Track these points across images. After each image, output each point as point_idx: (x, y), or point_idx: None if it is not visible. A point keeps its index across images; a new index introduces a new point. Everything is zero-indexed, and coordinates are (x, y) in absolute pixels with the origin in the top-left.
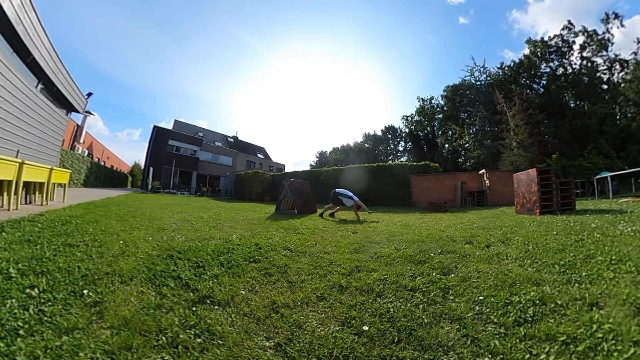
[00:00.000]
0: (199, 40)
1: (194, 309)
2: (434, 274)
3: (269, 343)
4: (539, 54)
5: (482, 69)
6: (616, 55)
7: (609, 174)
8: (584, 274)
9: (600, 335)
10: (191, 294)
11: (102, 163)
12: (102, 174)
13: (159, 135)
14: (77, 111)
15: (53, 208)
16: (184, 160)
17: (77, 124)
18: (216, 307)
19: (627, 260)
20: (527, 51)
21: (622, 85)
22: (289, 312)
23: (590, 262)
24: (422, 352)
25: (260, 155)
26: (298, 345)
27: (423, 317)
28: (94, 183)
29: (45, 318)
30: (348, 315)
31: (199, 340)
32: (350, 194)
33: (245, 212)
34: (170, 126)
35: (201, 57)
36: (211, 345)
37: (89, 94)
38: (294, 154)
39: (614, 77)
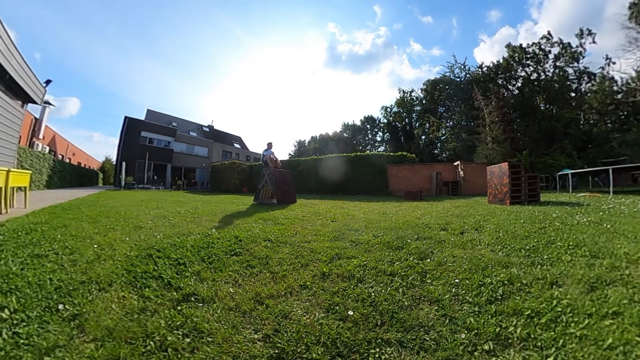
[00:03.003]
0: (181, 21)
1: (179, 308)
2: (411, 259)
3: (257, 335)
4: (516, 58)
5: (462, 66)
6: (585, 68)
7: (570, 171)
8: (545, 257)
9: (560, 309)
10: (175, 293)
11: (67, 160)
12: (67, 173)
13: (130, 127)
14: (35, 102)
15: (14, 216)
16: (157, 153)
17: (35, 117)
18: (201, 304)
19: (582, 246)
20: (506, 54)
21: (588, 94)
22: (274, 302)
23: (551, 247)
24: (404, 333)
25: (236, 145)
26: (286, 335)
27: (403, 300)
28: (59, 183)
29: (22, 340)
30: (332, 302)
31: (187, 340)
32: None
33: (223, 205)
34: (142, 116)
35: (179, 39)
36: (200, 344)
37: (48, 82)
38: (272, 143)
39: (582, 86)
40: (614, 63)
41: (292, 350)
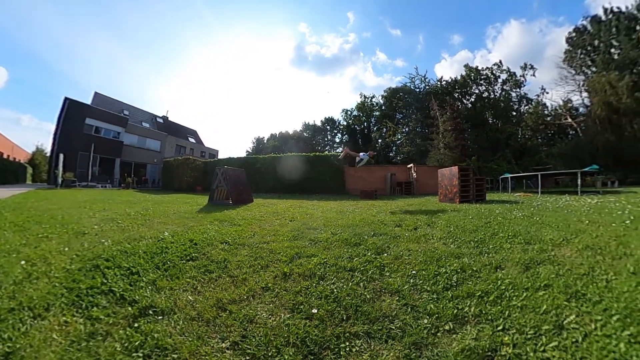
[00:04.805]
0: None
1: (136, 325)
2: (369, 254)
3: (225, 344)
4: (472, 77)
5: (422, 78)
6: (525, 94)
7: (509, 175)
8: (490, 246)
9: (504, 287)
10: (129, 308)
11: None
12: None
13: (72, 111)
14: None
15: None
16: (105, 145)
17: None
18: (160, 316)
19: (519, 235)
20: (464, 73)
21: (525, 115)
22: (237, 307)
23: (494, 238)
24: (370, 324)
25: (191, 139)
26: (254, 340)
27: (365, 293)
28: None
29: None
30: (296, 302)
31: None
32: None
33: (176, 205)
34: (88, 100)
35: (142, 14)
36: None
37: None
38: (229, 139)
39: (521, 108)
40: (547, 93)
41: (263, 355)
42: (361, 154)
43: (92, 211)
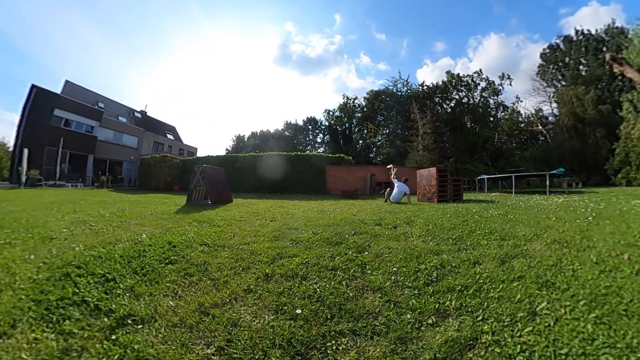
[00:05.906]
0: None
1: (113, 337)
2: (350, 253)
3: (210, 350)
4: (453, 83)
5: (405, 82)
6: (502, 101)
7: (486, 176)
8: (468, 243)
9: (482, 281)
10: (106, 319)
11: None
12: None
13: (39, 101)
14: None
15: None
16: (76, 139)
17: None
18: (140, 325)
19: (495, 232)
20: (445, 79)
21: (502, 121)
22: (220, 311)
23: (472, 235)
24: (355, 322)
25: (170, 136)
26: (240, 343)
27: (348, 291)
28: None
29: None
30: (279, 303)
31: None
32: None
33: (153, 205)
34: (58, 89)
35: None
36: None
37: None
38: (208, 136)
39: (498, 114)
40: (521, 101)
41: (250, 358)
42: (397, 183)
43: (60, 213)
